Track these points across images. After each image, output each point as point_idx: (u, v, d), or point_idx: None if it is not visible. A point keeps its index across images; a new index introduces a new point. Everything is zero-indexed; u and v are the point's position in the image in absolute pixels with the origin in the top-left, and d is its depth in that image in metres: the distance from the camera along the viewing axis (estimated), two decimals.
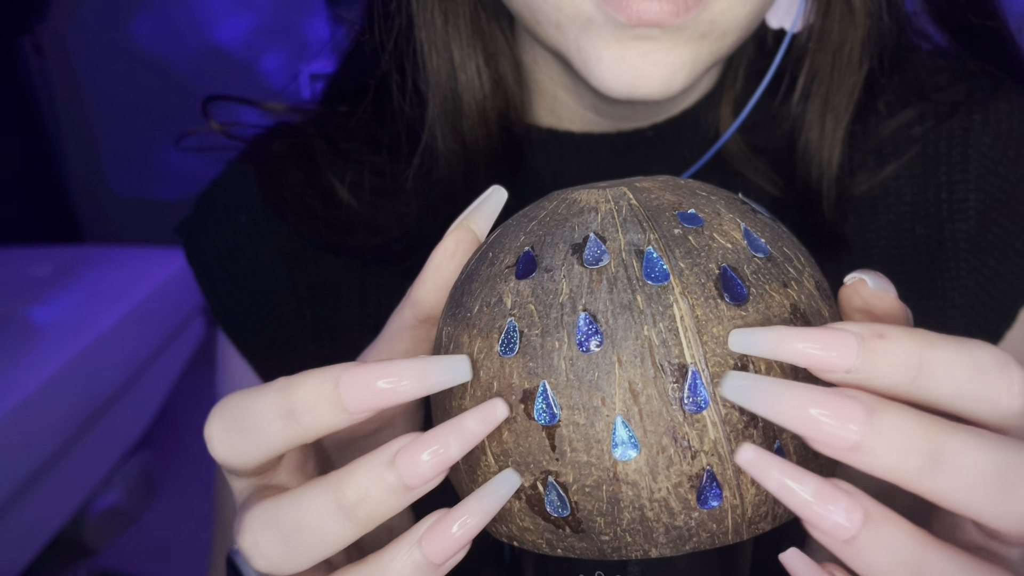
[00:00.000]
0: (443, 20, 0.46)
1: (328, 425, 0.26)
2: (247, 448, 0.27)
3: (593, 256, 0.27)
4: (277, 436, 0.27)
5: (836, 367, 0.24)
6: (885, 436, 0.23)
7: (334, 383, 0.26)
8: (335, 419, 0.26)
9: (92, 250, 1.91)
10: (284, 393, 0.26)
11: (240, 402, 0.27)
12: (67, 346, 1.50)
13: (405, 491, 0.26)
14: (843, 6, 0.45)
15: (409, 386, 0.26)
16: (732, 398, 0.24)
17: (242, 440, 0.27)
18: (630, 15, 0.38)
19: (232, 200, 0.54)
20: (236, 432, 0.27)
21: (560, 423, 0.26)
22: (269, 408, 0.26)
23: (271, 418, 0.26)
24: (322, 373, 0.26)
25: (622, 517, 0.27)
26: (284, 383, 0.26)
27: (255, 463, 0.28)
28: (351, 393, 0.26)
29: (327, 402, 0.26)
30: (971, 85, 0.50)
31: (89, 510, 1.70)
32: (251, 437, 0.27)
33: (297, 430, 0.26)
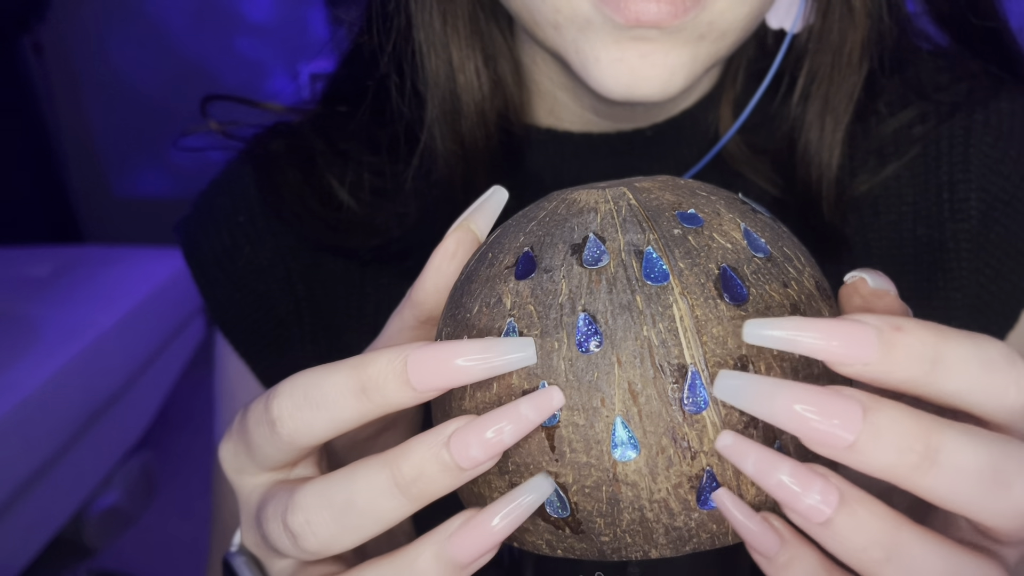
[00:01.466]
0: (442, 21, 0.46)
1: (396, 402, 0.27)
2: (319, 423, 0.27)
3: (592, 256, 0.27)
4: (349, 411, 0.27)
5: (855, 360, 0.24)
6: (880, 435, 0.23)
7: (403, 361, 0.26)
8: (403, 396, 0.27)
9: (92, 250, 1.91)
10: (357, 370, 0.27)
11: (312, 379, 0.28)
12: (67, 346, 1.50)
13: (458, 471, 0.26)
14: (843, 7, 0.45)
15: (476, 365, 0.26)
16: (724, 398, 0.24)
17: (314, 415, 0.27)
18: (628, 16, 0.37)
19: (230, 200, 0.54)
20: (308, 408, 0.27)
21: (560, 424, 0.26)
22: (343, 384, 0.27)
23: (344, 393, 0.27)
24: (393, 351, 0.27)
25: (622, 518, 0.27)
26: (357, 361, 0.27)
27: (323, 438, 0.28)
28: (419, 372, 0.26)
29: (396, 379, 0.26)
30: (972, 85, 0.50)
31: (89, 510, 1.69)
32: (324, 412, 0.27)
33: (368, 406, 0.27)
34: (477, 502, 0.30)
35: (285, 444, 0.28)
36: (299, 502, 0.28)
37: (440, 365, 0.26)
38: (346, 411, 0.27)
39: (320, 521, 0.27)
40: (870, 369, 0.24)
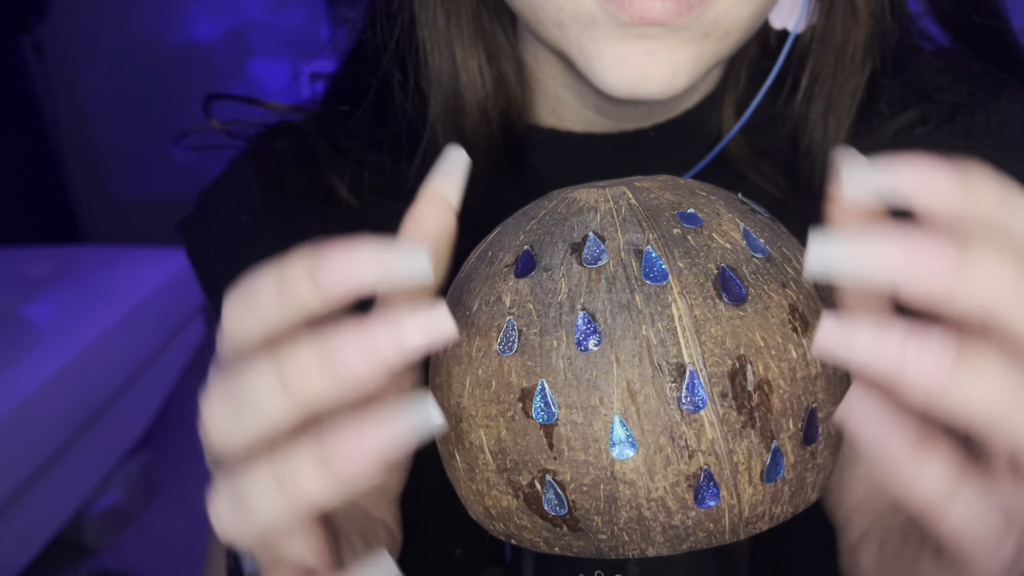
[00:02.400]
0: (445, 19, 0.46)
1: (304, 299, 0.26)
2: (249, 321, 0.27)
3: (592, 255, 0.27)
4: (271, 308, 0.26)
5: (937, 271, 0.22)
6: (979, 266, 0.22)
7: (313, 258, 0.26)
8: (310, 293, 0.26)
9: (92, 250, 1.91)
10: (278, 269, 0.26)
11: (249, 281, 0.27)
12: (67, 346, 1.50)
13: (337, 377, 0.25)
14: (846, 6, 0.45)
15: (371, 266, 0.25)
16: (817, 270, 0.23)
17: (246, 313, 0.27)
18: (633, 14, 0.38)
19: (233, 199, 0.54)
20: (243, 307, 0.27)
21: (558, 422, 0.26)
22: (267, 283, 0.27)
23: (267, 290, 0.26)
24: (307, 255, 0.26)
25: (619, 516, 0.27)
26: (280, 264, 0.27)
27: (255, 335, 0.27)
28: (324, 268, 0.25)
29: (305, 275, 0.26)
30: (973, 86, 0.50)
31: (89, 510, 1.70)
32: (252, 309, 0.27)
33: (285, 304, 0.26)
34: (476, 501, 0.30)
35: (227, 344, 0.28)
36: (208, 395, 0.27)
37: (342, 259, 0.25)
38: (269, 307, 0.26)
39: (218, 414, 0.27)
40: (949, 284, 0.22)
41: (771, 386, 0.27)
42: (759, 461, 0.27)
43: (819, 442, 0.28)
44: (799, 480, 0.28)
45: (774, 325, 0.27)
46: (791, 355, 0.27)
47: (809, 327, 0.28)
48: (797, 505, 0.29)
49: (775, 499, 0.27)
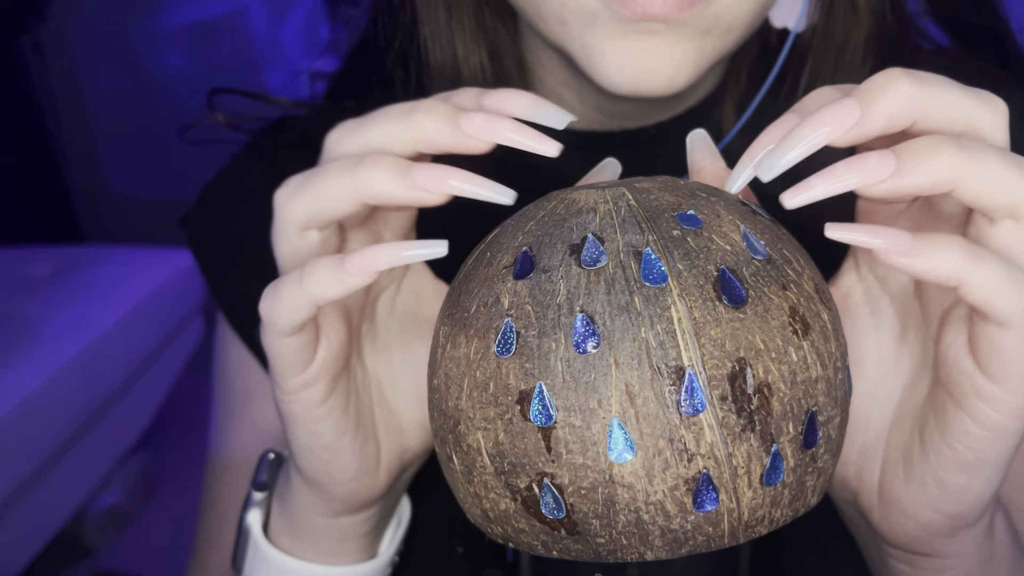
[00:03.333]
0: (447, 15, 0.46)
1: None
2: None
3: (591, 257, 0.27)
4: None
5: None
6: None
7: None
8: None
9: (92, 250, 1.91)
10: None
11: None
12: (67, 346, 1.50)
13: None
14: (847, 5, 0.45)
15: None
16: (773, 173, 0.29)
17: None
18: (634, 9, 0.37)
19: (237, 192, 0.54)
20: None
21: (556, 425, 0.26)
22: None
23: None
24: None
25: (617, 520, 0.27)
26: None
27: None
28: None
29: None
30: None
31: (89, 510, 1.70)
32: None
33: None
34: (474, 503, 0.30)
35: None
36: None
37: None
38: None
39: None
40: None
41: (771, 389, 0.27)
42: (759, 465, 0.26)
43: (819, 446, 0.28)
44: (799, 484, 0.28)
45: (774, 328, 0.27)
46: (791, 358, 0.27)
47: (809, 330, 0.28)
48: (797, 509, 0.28)
49: (775, 503, 0.27)
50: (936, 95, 0.28)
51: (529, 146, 0.31)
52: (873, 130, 0.28)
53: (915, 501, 0.33)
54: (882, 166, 0.27)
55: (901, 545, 0.35)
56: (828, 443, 0.29)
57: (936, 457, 0.32)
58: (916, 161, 0.27)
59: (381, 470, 0.38)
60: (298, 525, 0.40)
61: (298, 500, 0.39)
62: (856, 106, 0.28)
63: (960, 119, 0.29)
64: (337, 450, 0.36)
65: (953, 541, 0.34)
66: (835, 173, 0.28)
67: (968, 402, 0.30)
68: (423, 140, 0.32)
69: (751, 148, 0.30)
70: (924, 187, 0.27)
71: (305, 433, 0.36)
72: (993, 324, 0.28)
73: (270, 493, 0.42)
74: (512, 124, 0.31)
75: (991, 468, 0.31)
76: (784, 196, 0.29)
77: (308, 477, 0.38)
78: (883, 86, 0.28)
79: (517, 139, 0.31)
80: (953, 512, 0.32)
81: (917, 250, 0.27)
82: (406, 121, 0.32)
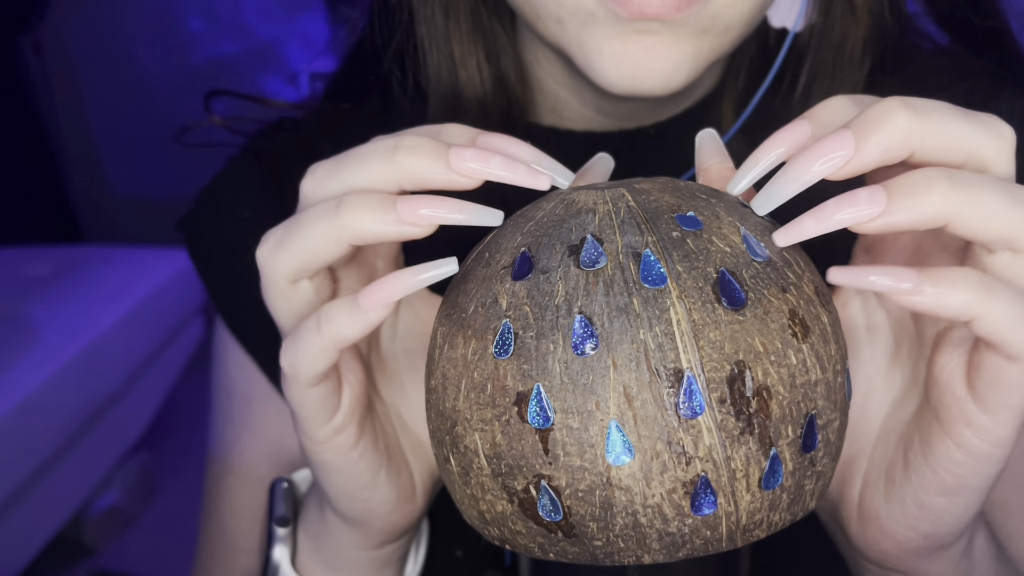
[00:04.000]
0: (444, 16, 0.46)
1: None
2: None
3: (590, 258, 0.27)
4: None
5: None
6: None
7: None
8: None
9: (92, 250, 1.91)
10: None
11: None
12: (67, 346, 1.50)
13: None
14: (844, 4, 0.45)
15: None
16: (768, 207, 0.29)
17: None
18: (631, 9, 0.37)
19: (234, 195, 0.54)
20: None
21: (554, 426, 0.26)
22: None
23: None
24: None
25: (615, 522, 0.26)
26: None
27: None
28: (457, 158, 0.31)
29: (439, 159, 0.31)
30: (972, 85, 0.50)
31: (89, 510, 1.69)
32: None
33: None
34: (471, 505, 0.30)
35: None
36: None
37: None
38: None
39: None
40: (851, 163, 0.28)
41: (770, 392, 0.26)
42: (757, 468, 0.26)
43: (818, 449, 0.28)
44: (797, 487, 0.28)
45: (774, 330, 0.27)
46: (791, 361, 0.27)
47: (809, 332, 0.28)
48: (795, 513, 0.28)
49: (773, 506, 0.27)
50: (934, 126, 0.28)
51: (521, 181, 0.31)
52: (868, 164, 0.28)
53: (893, 519, 0.33)
54: (873, 203, 0.27)
55: (876, 561, 0.35)
56: (827, 447, 0.28)
57: (918, 479, 0.32)
58: (908, 198, 0.27)
59: (418, 493, 0.39)
60: (337, 561, 0.40)
61: (338, 540, 0.39)
62: (851, 140, 0.28)
63: (960, 149, 0.28)
64: (375, 487, 0.36)
65: (929, 561, 0.34)
66: (826, 212, 0.28)
67: (955, 428, 0.30)
68: (409, 179, 0.31)
69: (758, 152, 0.30)
70: (917, 224, 0.27)
71: (342, 478, 0.36)
72: (1001, 356, 0.28)
73: (293, 526, 0.42)
74: (503, 161, 0.30)
75: (971, 493, 0.31)
76: (776, 235, 0.29)
77: (349, 517, 0.38)
78: (880, 118, 0.28)
79: (508, 176, 0.30)
80: (930, 533, 0.33)
81: (927, 288, 0.27)
82: (391, 160, 0.31)
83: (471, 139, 0.32)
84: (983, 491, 0.31)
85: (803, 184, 0.28)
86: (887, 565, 0.35)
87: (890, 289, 0.27)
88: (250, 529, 0.52)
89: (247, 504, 0.53)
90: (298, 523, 0.42)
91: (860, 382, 0.35)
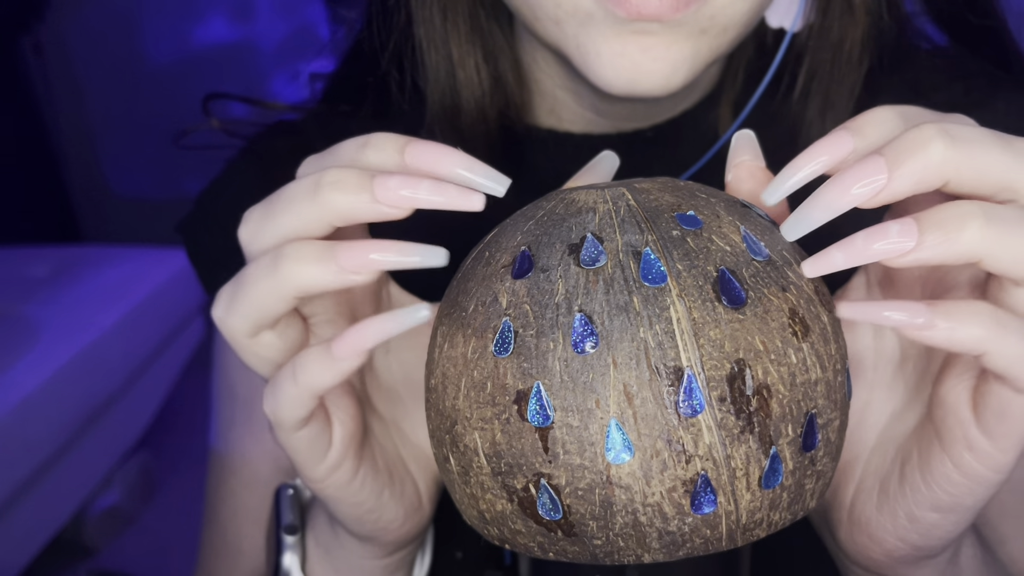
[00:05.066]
0: (442, 17, 0.46)
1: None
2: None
3: (590, 256, 0.27)
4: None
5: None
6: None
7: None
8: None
9: (92, 250, 1.91)
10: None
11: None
12: (67, 346, 1.50)
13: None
14: (843, 4, 0.45)
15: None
16: (798, 233, 0.29)
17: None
18: (629, 9, 0.37)
19: (233, 198, 0.54)
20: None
21: (553, 425, 0.26)
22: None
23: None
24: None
25: (615, 521, 0.26)
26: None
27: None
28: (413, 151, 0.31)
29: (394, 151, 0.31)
30: (970, 85, 0.50)
31: (89, 510, 1.69)
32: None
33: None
34: (471, 504, 0.30)
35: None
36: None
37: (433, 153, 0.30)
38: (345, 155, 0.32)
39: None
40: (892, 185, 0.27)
41: (770, 391, 0.26)
42: (757, 467, 0.26)
43: (818, 448, 0.28)
44: (798, 487, 0.28)
45: (774, 329, 0.27)
46: (791, 360, 0.27)
47: (809, 331, 0.28)
48: (796, 512, 0.28)
49: (773, 506, 0.27)
50: (970, 156, 0.27)
51: (453, 205, 0.30)
52: (900, 194, 0.27)
53: (883, 528, 0.33)
54: (904, 239, 0.26)
55: (863, 565, 0.35)
56: (827, 446, 0.29)
57: (912, 493, 0.32)
58: (941, 234, 0.26)
59: (424, 503, 0.39)
60: (349, 570, 0.41)
61: (350, 551, 0.40)
62: (884, 168, 0.27)
63: (995, 180, 0.27)
64: (381, 509, 0.36)
65: (915, 568, 0.34)
66: (856, 246, 0.27)
67: (956, 449, 0.30)
68: (338, 217, 0.30)
69: (798, 160, 0.29)
70: (948, 260, 0.27)
71: (346, 507, 0.36)
72: (1009, 388, 0.28)
73: (302, 534, 0.42)
74: (432, 186, 0.29)
75: (964, 512, 0.31)
76: (804, 266, 0.28)
77: (359, 535, 0.38)
78: (916, 147, 0.27)
79: (438, 200, 0.29)
80: (919, 544, 0.33)
81: (939, 322, 0.26)
82: (315, 201, 0.30)
83: (399, 149, 0.31)
84: (976, 510, 0.31)
85: (834, 212, 0.28)
86: (874, 569, 0.35)
87: (903, 324, 0.27)
88: (253, 531, 0.52)
89: (249, 506, 0.53)
90: (307, 531, 0.42)
91: (862, 389, 0.35)
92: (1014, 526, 0.44)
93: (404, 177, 0.29)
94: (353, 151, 0.31)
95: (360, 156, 0.31)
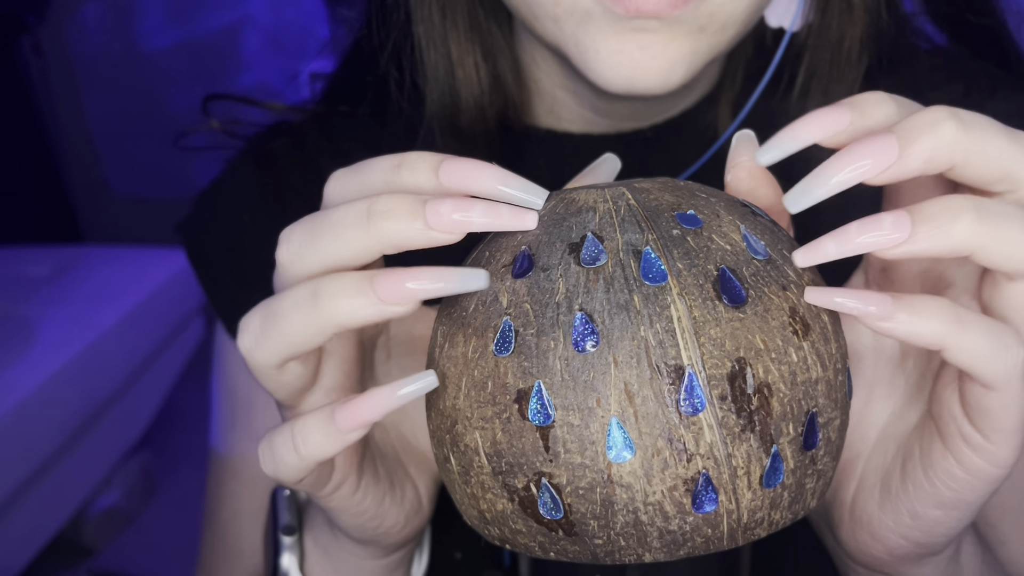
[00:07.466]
0: (441, 15, 0.46)
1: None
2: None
3: (590, 255, 0.27)
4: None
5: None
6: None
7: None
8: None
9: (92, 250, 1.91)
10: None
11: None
12: (67, 346, 1.50)
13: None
14: (841, 3, 0.45)
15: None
16: (800, 205, 0.28)
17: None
18: (628, 7, 0.37)
19: (233, 198, 0.54)
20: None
21: (554, 424, 0.26)
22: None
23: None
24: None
25: (616, 521, 0.26)
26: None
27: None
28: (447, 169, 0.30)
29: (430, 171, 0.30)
30: (969, 84, 0.50)
31: (89, 510, 1.69)
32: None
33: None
34: (471, 504, 0.30)
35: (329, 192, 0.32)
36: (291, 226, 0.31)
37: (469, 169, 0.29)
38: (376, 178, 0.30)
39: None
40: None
41: (771, 389, 0.26)
42: (758, 466, 0.26)
43: (819, 447, 0.28)
44: (799, 486, 0.28)
45: (774, 328, 0.27)
46: (791, 358, 0.27)
47: (810, 330, 0.28)
48: (797, 511, 0.28)
49: (774, 505, 0.27)
50: (979, 141, 0.27)
51: (506, 226, 0.29)
52: (908, 173, 0.27)
53: (885, 526, 0.33)
54: (897, 230, 0.27)
55: (864, 564, 0.35)
56: (828, 445, 0.29)
57: (915, 490, 0.32)
58: (933, 227, 0.26)
59: (424, 504, 0.39)
60: (348, 570, 0.41)
61: (349, 552, 0.40)
62: (895, 145, 0.27)
63: (999, 168, 0.27)
64: (382, 515, 0.36)
65: (917, 566, 0.34)
66: (848, 235, 0.27)
67: (956, 445, 0.30)
68: (390, 246, 0.29)
69: (795, 126, 0.29)
70: (940, 253, 0.27)
71: (347, 517, 0.36)
72: (979, 384, 0.28)
73: (299, 534, 0.42)
74: (484, 208, 0.28)
75: (967, 508, 0.31)
76: (796, 255, 0.28)
77: (360, 540, 0.38)
78: (927, 127, 0.27)
79: (491, 222, 0.28)
80: (921, 541, 0.33)
81: (899, 315, 0.26)
82: (368, 230, 0.29)
83: (434, 168, 0.29)
84: (979, 506, 0.31)
85: (839, 185, 0.28)
86: (875, 568, 0.35)
87: (862, 313, 0.27)
88: (253, 532, 0.52)
89: (250, 507, 0.53)
90: (305, 532, 0.42)
91: (862, 387, 0.35)
92: (1014, 526, 0.44)
93: (455, 201, 0.28)
94: (388, 172, 0.30)
95: (395, 178, 0.30)
